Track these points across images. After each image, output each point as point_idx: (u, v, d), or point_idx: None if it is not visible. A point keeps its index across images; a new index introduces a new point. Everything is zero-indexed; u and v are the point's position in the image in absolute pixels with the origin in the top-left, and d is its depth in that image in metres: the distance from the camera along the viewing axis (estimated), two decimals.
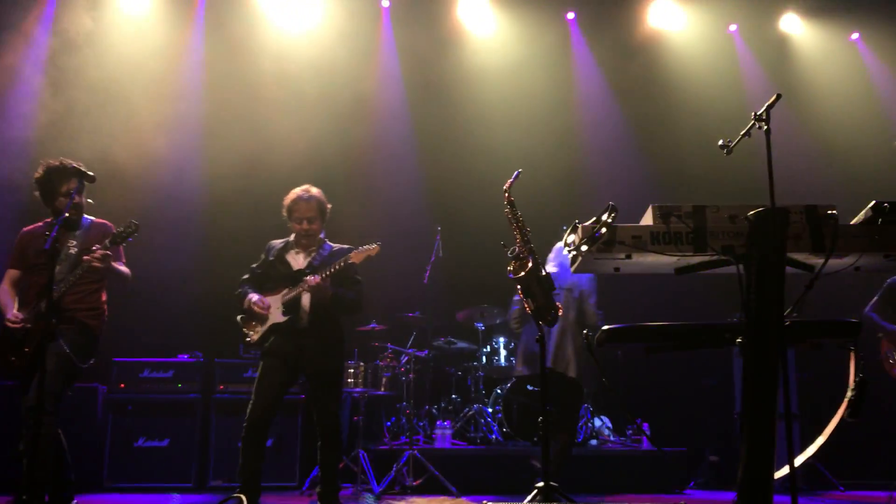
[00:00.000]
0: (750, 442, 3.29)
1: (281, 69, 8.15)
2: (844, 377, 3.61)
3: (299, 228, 4.83)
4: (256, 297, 4.73)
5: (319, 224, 4.86)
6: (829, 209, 3.44)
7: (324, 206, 4.87)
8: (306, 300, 4.72)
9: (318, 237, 4.89)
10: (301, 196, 4.81)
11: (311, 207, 4.80)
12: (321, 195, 4.88)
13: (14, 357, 4.44)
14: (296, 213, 4.81)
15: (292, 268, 4.80)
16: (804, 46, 8.63)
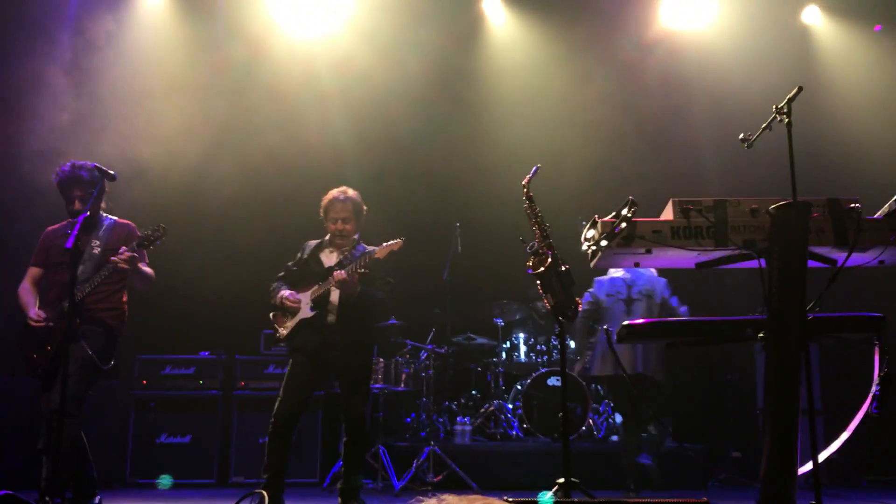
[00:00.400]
0: (773, 438, 3.27)
1: (300, 67, 8.17)
2: (869, 372, 3.57)
3: (334, 228, 4.92)
4: (288, 293, 4.81)
5: (354, 225, 4.94)
6: (851, 202, 3.40)
7: (359, 207, 4.96)
8: (335, 296, 4.77)
9: (353, 238, 4.96)
10: (337, 197, 4.92)
11: (346, 208, 4.89)
12: (357, 197, 4.97)
13: (36, 354, 4.48)
14: (331, 212, 4.91)
15: (324, 265, 4.87)
16: (826, 39, 8.53)
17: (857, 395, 3.62)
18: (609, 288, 6.19)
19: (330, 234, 4.99)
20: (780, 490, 3.25)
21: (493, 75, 8.60)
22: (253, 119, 8.00)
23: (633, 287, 6.12)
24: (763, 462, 3.31)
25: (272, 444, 4.62)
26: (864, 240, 3.36)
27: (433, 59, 8.44)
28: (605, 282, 6.25)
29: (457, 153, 8.56)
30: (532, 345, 7.99)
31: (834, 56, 8.47)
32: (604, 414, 7.41)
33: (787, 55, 8.34)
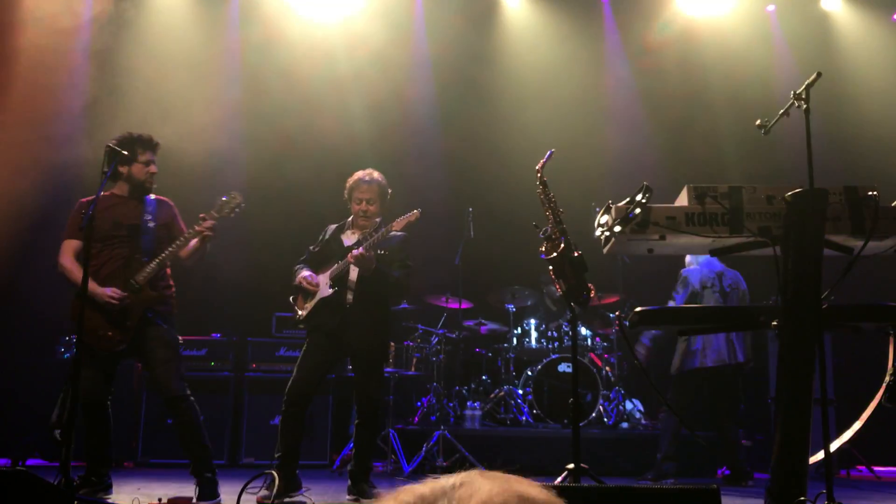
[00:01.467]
0: (784, 426, 3.25)
1: (315, 52, 8.14)
2: (880, 362, 3.54)
3: (358, 209, 4.91)
4: (308, 274, 4.81)
5: (378, 207, 4.93)
6: (869, 190, 3.36)
7: (385, 190, 4.96)
8: (354, 274, 4.77)
9: (375, 220, 4.94)
10: (363, 178, 4.92)
11: (371, 189, 4.90)
12: (383, 179, 4.97)
13: (111, 332, 4.38)
14: (356, 193, 4.91)
15: (343, 244, 4.88)
16: (845, 26, 8.43)
17: (869, 385, 3.59)
18: (706, 280, 6.19)
19: (353, 215, 4.98)
20: (791, 479, 3.23)
21: (508, 59, 8.56)
22: (268, 103, 7.99)
23: (724, 279, 6.17)
24: (774, 451, 3.29)
25: (285, 424, 4.63)
26: (882, 228, 3.32)
27: (449, 42, 8.40)
28: (696, 272, 6.24)
29: (471, 137, 8.54)
30: (543, 331, 7.98)
31: (853, 43, 8.38)
32: (614, 401, 7.40)
33: (806, 41, 8.26)
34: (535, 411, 7.27)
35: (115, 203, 4.61)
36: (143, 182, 4.63)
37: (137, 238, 4.53)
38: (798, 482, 3.23)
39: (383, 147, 8.12)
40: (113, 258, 4.50)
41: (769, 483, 3.33)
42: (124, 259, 4.48)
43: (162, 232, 4.63)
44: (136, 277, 4.43)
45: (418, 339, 7.35)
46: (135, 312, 4.42)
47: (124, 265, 4.47)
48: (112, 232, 4.51)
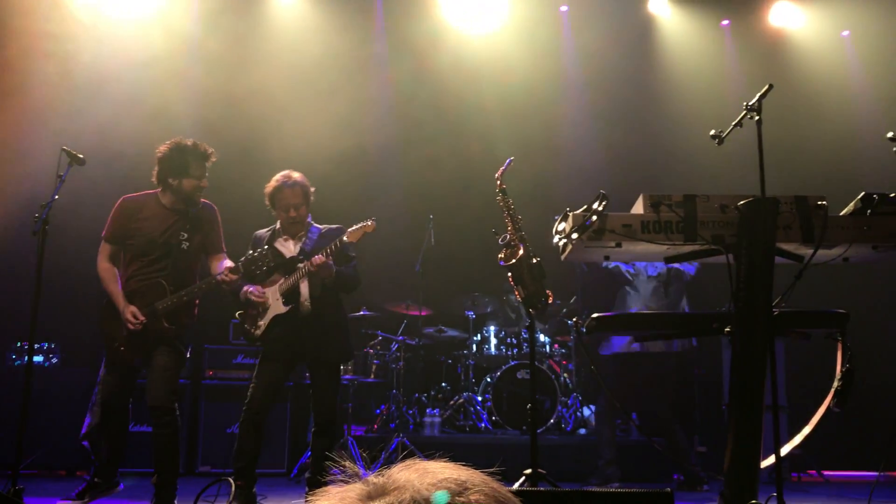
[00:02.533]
0: (737, 432, 3.32)
1: (277, 61, 8.12)
2: (834, 369, 3.63)
3: (286, 217, 4.67)
4: (252, 288, 4.62)
5: (306, 209, 4.71)
6: (818, 200, 3.46)
7: (308, 190, 4.71)
8: (305, 287, 4.62)
9: (306, 222, 4.77)
10: (284, 182, 4.63)
11: (296, 194, 4.63)
12: (304, 179, 4.70)
13: (123, 347, 4.41)
14: (281, 201, 4.64)
15: (284, 256, 4.68)
16: (796, 41, 8.64)
17: (822, 391, 3.68)
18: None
19: (282, 222, 4.74)
20: (743, 483, 3.30)
21: (467, 67, 8.59)
22: (228, 113, 7.91)
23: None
24: (727, 456, 3.36)
25: (245, 433, 4.53)
26: (831, 237, 3.42)
27: (406, 51, 8.43)
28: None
29: (431, 145, 8.55)
30: (503, 337, 8.02)
31: (806, 56, 8.58)
32: (572, 407, 7.46)
33: (758, 55, 8.45)
34: (494, 418, 7.29)
35: (155, 214, 4.53)
36: (191, 196, 4.53)
37: (169, 260, 4.47)
38: (750, 486, 3.30)
39: (342, 155, 8.09)
40: (142, 275, 4.47)
41: (723, 487, 3.39)
42: (151, 281, 4.43)
43: (197, 248, 4.58)
44: (158, 304, 4.39)
45: (378, 346, 7.33)
46: (148, 336, 4.40)
47: (151, 286, 4.43)
48: (146, 249, 4.49)
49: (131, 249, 4.51)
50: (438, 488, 0.78)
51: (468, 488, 0.79)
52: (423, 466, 0.81)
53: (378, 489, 0.80)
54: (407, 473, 0.81)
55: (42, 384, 6.25)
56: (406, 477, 0.80)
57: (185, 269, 4.53)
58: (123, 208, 4.58)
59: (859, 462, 7.45)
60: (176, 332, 4.45)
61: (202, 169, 4.53)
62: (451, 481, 0.79)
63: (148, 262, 4.47)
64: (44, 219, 4.21)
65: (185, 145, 4.50)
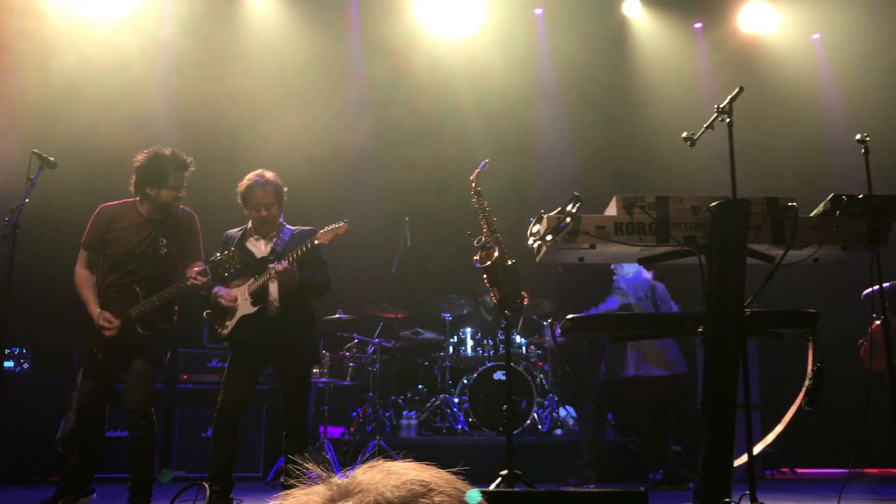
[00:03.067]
0: (710, 431, 3.35)
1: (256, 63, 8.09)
2: (805, 368, 3.67)
3: (257, 216, 4.59)
4: (221, 290, 4.56)
5: (278, 209, 4.64)
6: (789, 201, 3.50)
7: (280, 189, 4.64)
8: (274, 288, 4.55)
9: (278, 222, 4.70)
10: (256, 181, 4.55)
11: (267, 193, 4.56)
12: (277, 178, 4.64)
13: (101, 354, 4.38)
14: (253, 200, 4.57)
15: (255, 256, 4.62)
16: (768, 44, 8.75)
17: (795, 389, 3.72)
18: (640, 291, 6.29)
19: (253, 222, 4.67)
20: (716, 482, 3.33)
21: (443, 70, 8.60)
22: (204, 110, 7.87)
23: (655, 292, 6.28)
24: (701, 454, 3.39)
25: (219, 439, 4.47)
26: (801, 238, 3.46)
27: (382, 53, 8.43)
28: (631, 282, 6.33)
29: (407, 147, 8.56)
30: (479, 339, 8.03)
31: (778, 59, 8.69)
32: (548, 408, 7.49)
33: (729, 58, 8.54)
34: (470, 419, 7.30)
35: (132, 224, 4.49)
36: (168, 206, 4.49)
37: (145, 269, 4.45)
38: (724, 484, 3.33)
39: (319, 155, 8.08)
40: (118, 284, 4.47)
41: (697, 485, 3.42)
42: (127, 289, 4.42)
43: (175, 255, 4.55)
44: (132, 310, 4.37)
45: (354, 348, 7.31)
46: (124, 342, 4.38)
47: (126, 294, 4.41)
48: (123, 259, 4.47)
49: (109, 259, 4.51)
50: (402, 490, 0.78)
51: (433, 489, 0.79)
52: (388, 467, 0.81)
53: (342, 491, 0.79)
54: (371, 474, 0.81)
55: (13, 390, 6.16)
56: (370, 478, 0.80)
57: (162, 276, 4.49)
58: (101, 217, 4.55)
59: (832, 459, 7.55)
60: (151, 337, 4.41)
61: (180, 179, 4.48)
62: (415, 482, 0.79)
63: (125, 273, 4.46)
64: (13, 223, 4.16)
65: (163, 155, 4.44)
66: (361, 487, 0.79)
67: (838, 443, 7.16)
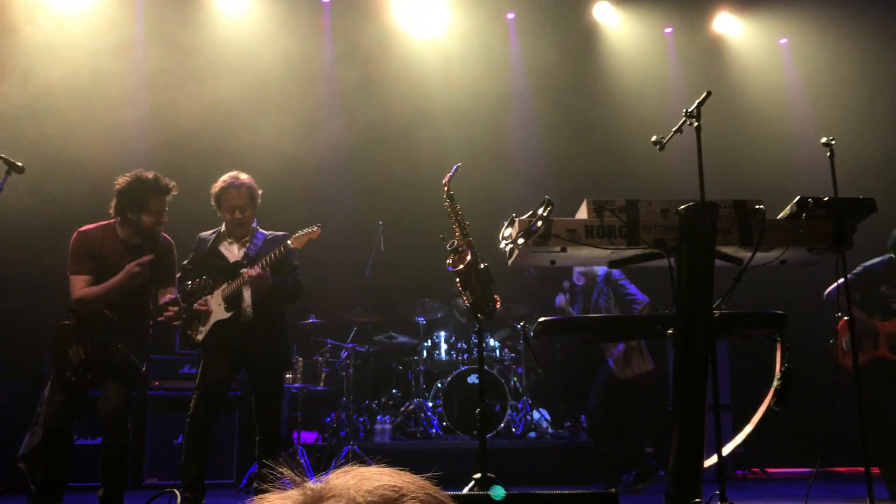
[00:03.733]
0: (680, 432, 3.38)
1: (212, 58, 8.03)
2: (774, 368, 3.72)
3: (231, 218, 4.57)
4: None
5: (252, 212, 4.63)
6: (756, 204, 3.54)
7: (255, 192, 4.63)
8: (248, 294, 4.54)
9: (252, 226, 4.68)
10: (231, 183, 4.54)
11: (241, 195, 4.55)
12: (251, 181, 4.63)
13: (75, 377, 4.30)
14: (226, 202, 4.56)
15: (228, 260, 4.60)
16: (737, 48, 8.86)
17: (765, 390, 3.77)
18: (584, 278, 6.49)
19: (227, 224, 4.66)
20: (687, 482, 3.36)
21: (417, 75, 8.61)
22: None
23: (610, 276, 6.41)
24: (671, 456, 3.42)
25: (190, 445, 4.43)
26: (768, 240, 3.51)
27: (356, 57, 8.42)
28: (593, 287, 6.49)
29: (381, 151, 8.55)
30: (453, 343, 8.05)
31: (744, 64, 8.81)
32: (522, 411, 7.52)
33: (699, 62, 8.64)
34: (444, 423, 7.31)
35: (115, 253, 4.43)
36: (150, 231, 4.43)
37: (120, 295, 4.37)
38: (694, 484, 3.36)
39: (291, 159, 8.06)
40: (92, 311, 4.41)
41: (668, 486, 3.45)
42: (99, 315, 4.35)
43: (150, 282, 4.48)
44: (103, 337, 4.32)
45: (327, 353, 7.29)
46: (98, 366, 4.31)
47: (99, 320, 4.35)
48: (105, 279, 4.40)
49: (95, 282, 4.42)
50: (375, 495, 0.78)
51: (405, 495, 0.80)
52: (361, 472, 0.82)
53: (315, 496, 0.80)
54: (344, 479, 0.81)
55: None
56: (343, 483, 0.80)
57: (136, 300, 4.45)
58: (82, 241, 4.46)
59: (801, 459, 7.65)
60: (125, 359, 4.35)
61: (162, 204, 4.43)
62: (388, 488, 0.80)
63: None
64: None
65: (145, 179, 4.37)
66: (334, 492, 0.79)
67: (807, 442, 7.25)
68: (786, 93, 8.68)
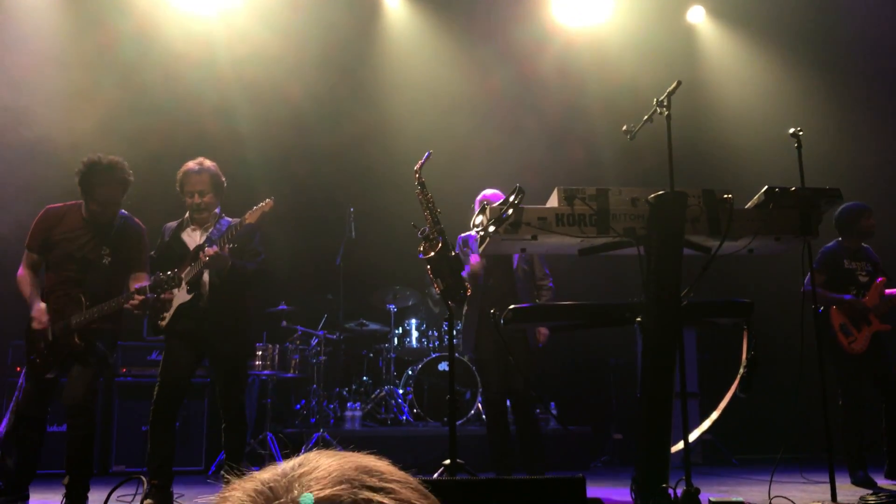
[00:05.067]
0: (647, 418, 3.42)
1: (195, 47, 7.91)
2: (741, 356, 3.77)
3: (191, 202, 4.58)
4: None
5: (213, 198, 4.61)
6: (725, 193, 3.58)
7: (218, 179, 4.63)
8: (206, 276, 4.54)
9: (214, 212, 4.67)
10: (192, 168, 4.57)
11: (202, 180, 4.56)
12: (215, 168, 4.63)
13: (39, 359, 4.28)
14: (187, 185, 4.57)
15: (188, 247, 4.57)
16: (708, 38, 8.92)
17: (732, 378, 3.82)
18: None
19: (188, 209, 4.66)
20: (654, 469, 3.41)
21: (392, 62, 8.57)
22: (146, 99, 7.69)
23: None
24: (638, 442, 3.46)
25: (155, 433, 4.42)
26: (736, 229, 3.55)
27: (333, 42, 8.34)
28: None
29: (353, 138, 8.51)
30: (424, 330, 8.06)
31: (715, 55, 8.87)
32: None
33: (672, 52, 8.67)
34: (415, 410, 7.32)
35: (73, 229, 4.39)
36: (101, 214, 4.38)
37: (85, 276, 4.34)
38: (661, 471, 3.41)
39: (263, 144, 8.00)
40: (61, 290, 4.37)
41: (635, 472, 3.49)
42: (68, 296, 4.31)
43: (121, 264, 4.44)
44: (72, 319, 4.26)
45: (298, 340, 7.26)
46: (62, 350, 4.27)
47: (67, 301, 4.31)
48: (63, 263, 4.37)
49: (51, 263, 4.43)
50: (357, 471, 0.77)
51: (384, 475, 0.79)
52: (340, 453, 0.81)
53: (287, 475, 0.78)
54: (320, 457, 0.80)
55: None
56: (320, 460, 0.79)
57: (107, 285, 4.39)
58: (44, 219, 4.47)
59: (768, 446, 7.76)
60: (88, 347, 4.30)
61: (109, 194, 4.36)
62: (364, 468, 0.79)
63: (66, 278, 4.37)
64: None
65: (97, 164, 4.32)
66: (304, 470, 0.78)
67: (772, 429, 7.36)
68: (754, 83, 8.75)
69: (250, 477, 0.79)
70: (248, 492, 0.77)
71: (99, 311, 4.27)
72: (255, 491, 0.77)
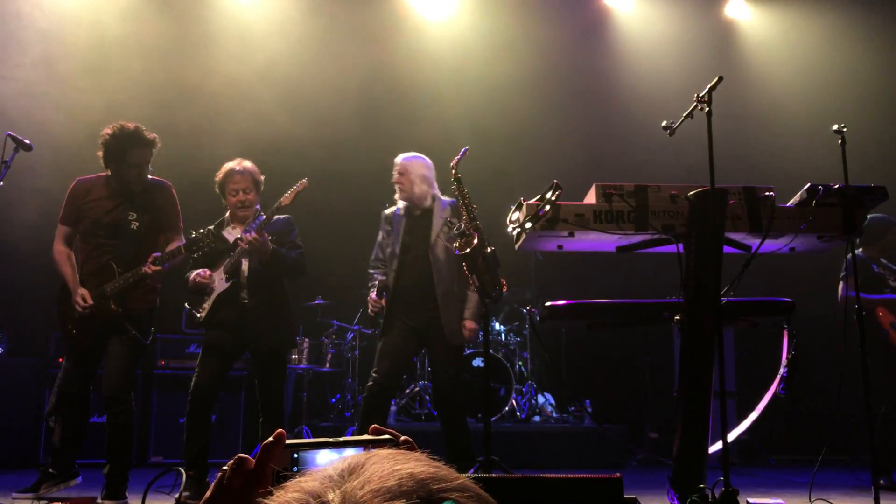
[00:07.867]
0: (685, 418, 3.38)
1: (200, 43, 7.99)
2: (781, 356, 3.71)
3: (235, 200, 4.68)
4: (198, 270, 4.56)
5: (255, 195, 4.72)
6: (766, 190, 3.52)
7: (257, 177, 4.75)
8: (245, 266, 4.61)
9: (255, 209, 4.74)
10: (234, 168, 4.69)
11: (245, 179, 4.66)
12: (254, 167, 4.75)
13: (76, 330, 4.37)
14: (230, 185, 4.67)
15: (227, 241, 4.64)
16: (750, 31, 8.79)
17: (770, 377, 3.76)
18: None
19: (230, 209, 4.75)
20: (691, 468, 3.37)
21: (426, 57, 8.56)
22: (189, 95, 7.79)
23: None
24: (676, 442, 3.42)
25: (192, 423, 4.49)
26: (777, 227, 3.49)
27: (368, 44, 8.37)
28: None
29: (389, 134, 8.51)
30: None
31: (756, 48, 8.73)
32: (527, 395, 7.52)
33: (713, 46, 8.56)
34: None
35: (101, 196, 4.48)
36: (131, 181, 4.45)
37: (114, 241, 4.41)
38: (698, 471, 3.37)
39: (300, 142, 8.05)
40: (92, 258, 4.45)
41: (672, 472, 3.46)
42: (100, 263, 4.39)
43: (149, 228, 4.51)
44: (106, 287, 4.33)
45: (333, 335, 7.29)
46: (99, 319, 4.35)
47: (101, 269, 4.38)
48: (92, 231, 4.45)
49: (82, 233, 4.50)
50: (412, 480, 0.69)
51: (442, 481, 0.71)
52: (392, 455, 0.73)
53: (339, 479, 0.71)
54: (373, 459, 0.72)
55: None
56: (375, 464, 0.71)
57: (138, 250, 4.43)
58: (75, 190, 4.54)
59: (809, 447, 7.63)
60: (126, 314, 4.36)
61: (141, 156, 4.43)
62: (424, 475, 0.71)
63: (96, 244, 4.44)
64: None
65: (126, 130, 4.40)
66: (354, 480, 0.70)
67: (814, 430, 7.25)
68: (798, 79, 8.60)
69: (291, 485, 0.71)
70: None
71: (133, 275, 4.32)
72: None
